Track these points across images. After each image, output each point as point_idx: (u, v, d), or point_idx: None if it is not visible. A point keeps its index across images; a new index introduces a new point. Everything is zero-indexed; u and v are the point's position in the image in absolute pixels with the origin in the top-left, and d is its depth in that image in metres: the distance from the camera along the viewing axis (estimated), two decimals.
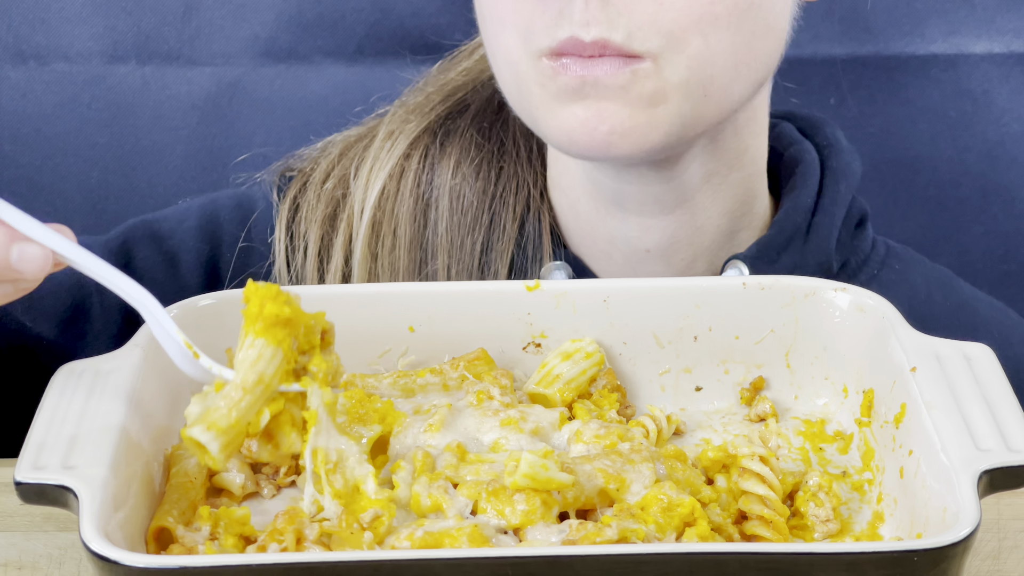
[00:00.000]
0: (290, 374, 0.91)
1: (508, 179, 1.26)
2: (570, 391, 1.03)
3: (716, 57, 1.09)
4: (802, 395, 1.06)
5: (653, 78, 1.08)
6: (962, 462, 0.87)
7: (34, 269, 0.89)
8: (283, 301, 0.90)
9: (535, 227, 1.24)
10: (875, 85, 1.58)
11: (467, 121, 1.28)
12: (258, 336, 0.90)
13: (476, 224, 1.24)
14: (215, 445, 0.88)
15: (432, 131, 1.27)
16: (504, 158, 1.26)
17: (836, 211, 1.24)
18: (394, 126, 1.28)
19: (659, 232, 1.20)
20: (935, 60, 1.56)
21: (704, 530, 0.89)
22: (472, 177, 1.25)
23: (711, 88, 1.10)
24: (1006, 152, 1.58)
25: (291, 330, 0.91)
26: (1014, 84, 1.56)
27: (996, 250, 1.61)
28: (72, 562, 0.94)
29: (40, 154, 1.57)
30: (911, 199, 1.60)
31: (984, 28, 1.55)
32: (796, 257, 1.21)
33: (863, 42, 1.56)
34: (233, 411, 0.89)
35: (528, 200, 1.25)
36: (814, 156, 1.26)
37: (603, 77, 1.07)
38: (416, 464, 0.92)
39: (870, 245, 1.28)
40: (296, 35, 1.56)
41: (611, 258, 1.23)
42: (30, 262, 0.89)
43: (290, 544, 0.85)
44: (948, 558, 0.82)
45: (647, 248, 1.21)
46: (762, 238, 1.21)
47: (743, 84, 1.13)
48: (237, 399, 0.89)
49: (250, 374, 0.90)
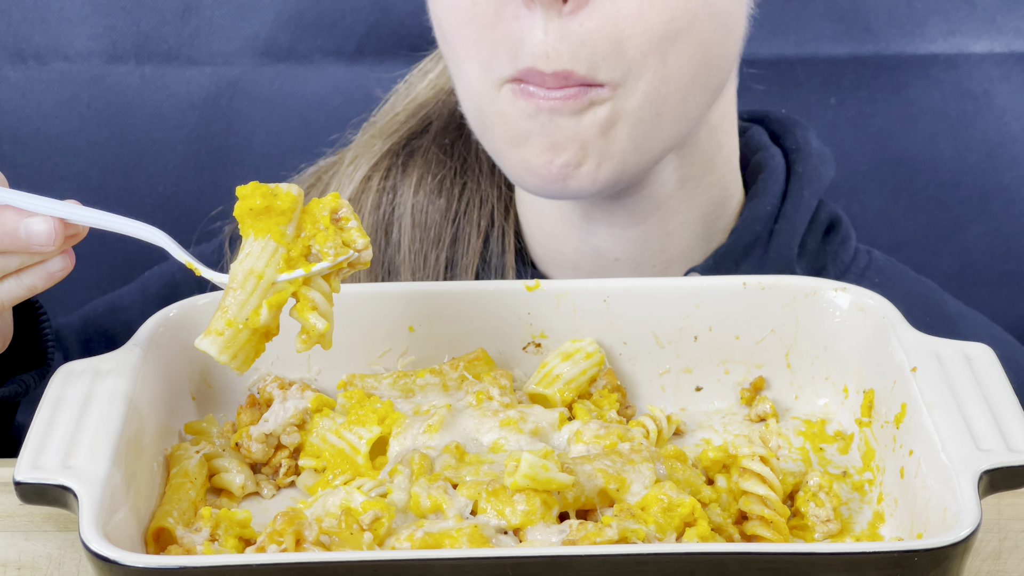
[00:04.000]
0: (298, 261, 0.92)
1: (471, 195, 1.26)
2: (570, 391, 1.03)
3: (672, 76, 1.09)
4: (802, 395, 1.05)
5: (607, 105, 1.08)
6: (963, 462, 0.87)
7: (44, 239, 0.95)
8: (260, 194, 0.92)
9: (499, 243, 1.25)
10: (875, 85, 1.58)
11: (429, 140, 1.28)
12: (246, 235, 0.92)
13: (439, 240, 1.25)
14: (214, 349, 0.91)
15: (394, 152, 1.28)
16: (467, 174, 1.27)
17: (798, 217, 1.23)
18: (359, 150, 1.29)
19: (628, 242, 1.20)
20: (935, 60, 1.56)
21: (704, 530, 0.89)
22: (435, 194, 1.26)
23: (665, 107, 1.10)
24: (1006, 152, 1.58)
25: (277, 219, 0.92)
26: (1014, 84, 1.56)
27: (996, 250, 1.61)
28: (72, 562, 0.94)
29: (40, 154, 1.57)
30: (911, 199, 1.60)
31: (984, 28, 1.55)
32: (756, 266, 1.20)
33: (863, 42, 1.56)
34: (228, 311, 0.91)
35: (492, 215, 1.26)
36: (779, 162, 1.26)
37: (559, 106, 1.07)
38: (413, 467, 0.92)
39: (851, 255, 1.27)
40: (296, 35, 1.55)
41: (579, 268, 1.23)
42: (38, 234, 0.95)
43: (289, 545, 0.85)
44: (949, 558, 0.82)
45: (616, 257, 1.21)
46: (719, 248, 1.21)
47: (700, 95, 1.12)
48: (229, 300, 0.91)
49: (239, 271, 0.91)
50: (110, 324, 1.31)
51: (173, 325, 1.01)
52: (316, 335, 0.93)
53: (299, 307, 0.93)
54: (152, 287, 1.32)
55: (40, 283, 0.98)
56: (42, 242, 0.95)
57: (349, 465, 0.97)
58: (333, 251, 0.93)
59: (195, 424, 1.01)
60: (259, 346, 0.93)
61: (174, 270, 1.34)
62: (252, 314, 0.92)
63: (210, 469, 0.98)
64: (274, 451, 1.00)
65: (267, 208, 0.92)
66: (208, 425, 1.01)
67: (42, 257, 0.97)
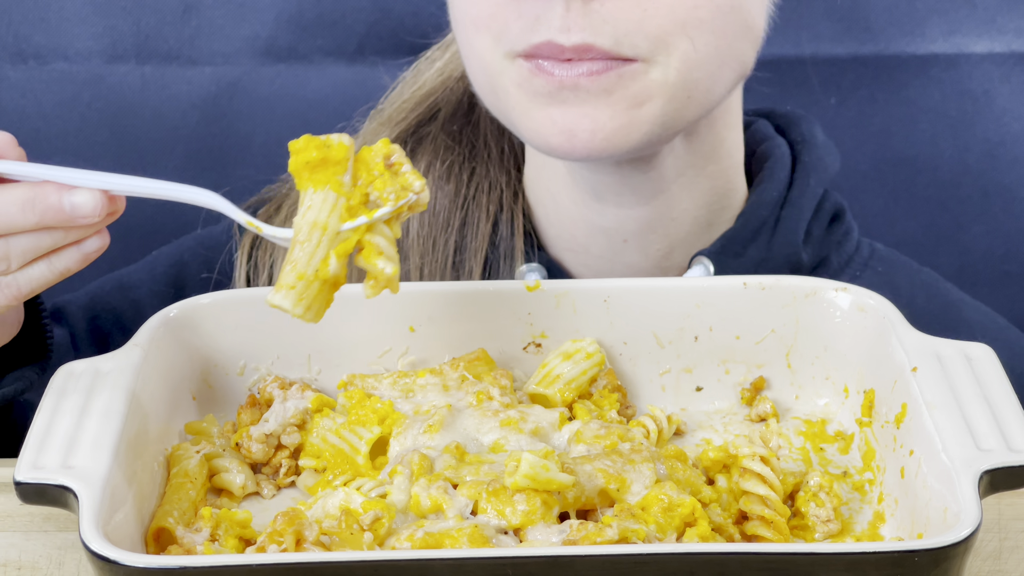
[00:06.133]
0: (358, 209, 0.93)
1: (480, 180, 1.26)
2: (570, 391, 1.03)
3: (702, 60, 1.09)
4: (803, 395, 1.05)
5: (640, 79, 1.07)
6: (963, 462, 0.87)
7: (89, 211, 0.94)
8: (314, 146, 0.92)
9: (508, 227, 1.25)
10: (875, 85, 1.58)
11: (438, 127, 1.28)
12: (304, 189, 0.92)
13: (448, 226, 1.25)
14: (288, 302, 0.91)
15: (402, 140, 1.28)
16: (475, 160, 1.26)
17: (804, 204, 1.24)
18: (367, 138, 1.29)
19: (635, 223, 1.21)
20: (935, 60, 1.56)
21: (705, 530, 0.89)
22: (443, 179, 1.26)
23: (695, 90, 1.10)
24: (1006, 152, 1.58)
25: (334, 169, 0.93)
26: (1014, 84, 1.56)
27: (996, 250, 1.61)
28: (72, 562, 0.94)
29: (40, 154, 1.56)
30: (911, 199, 1.60)
31: (984, 28, 1.55)
32: (763, 251, 1.21)
33: (863, 42, 1.56)
34: (297, 265, 0.91)
35: (501, 200, 1.25)
36: (785, 151, 1.27)
37: (583, 82, 1.06)
38: (413, 467, 0.92)
39: (854, 246, 1.28)
40: (296, 35, 1.56)
41: (589, 251, 1.23)
42: (83, 205, 0.94)
43: (290, 545, 0.85)
44: (949, 558, 0.82)
45: (624, 238, 1.21)
46: (727, 232, 1.21)
47: (724, 84, 1.13)
48: (297, 254, 0.92)
49: (302, 224, 0.92)
50: (117, 302, 1.30)
51: (174, 325, 1.01)
52: (384, 279, 0.93)
53: (365, 254, 0.93)
54: (160, 266, 1.32)
55: (74, 265, 0.96)
56: (86, 213, 0.94)
57: (349, 465, 0.97)
58: (393, 195, 0.93)
59: (195, 424, 1.01)
60: (329, 297, 0.93)
61: (183, 250, 1.33)
62: (321, 265, 0.92)
63: (210, 469, 0.98)
64: (274, 451, 1.00)
65: (323, 160, 0.92)
66: (208, 425, 1.01)
67: (82, 234, 0.95)
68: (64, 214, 0.93)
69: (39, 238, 0.94)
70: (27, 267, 0.96)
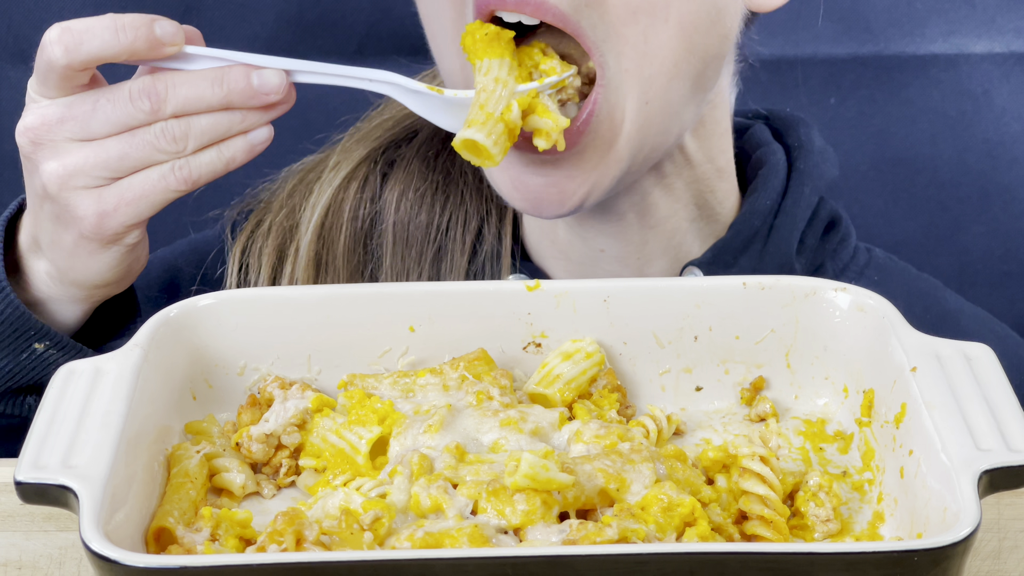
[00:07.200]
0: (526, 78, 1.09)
1: (455, 209, 1.26)
2: (570, 391, 1.03)
3: (654, 56, 1.08)
4: (802, 395, 1.06)
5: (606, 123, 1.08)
6: (962, 462, 0.87)
7: (274, 87, 1.03)
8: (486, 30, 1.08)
9: (493, 245, 1.25)
10: (875, 85, 1.58)
11: (413, 150, 1.28)
12: (482, 59, 1.07)
13: (421, 257, 1.26)
14: (480, 135, 1.04)
15: (372, 159, 1.28)
16: (450, 187, 1.27)
17: (798, 213, 1.23)
18: (342, 156, 1.29)
19: (610, 237, 1.20)
20: (935, 60, 1.56)
21: (704, 530, 0.89)
22: (415, 208, 1.26)
23: (650, 92, 1.09)
24: (1006, 152, 1.58)
25: (507, 45, 1.08)
26: (1014, 84, 1.56)
27: (996, 250, 1.61)
28: (72, 562, 0.94)
29: None
30: (911, 199, 1.60)
31: (984, 28, 1.56)
32: (755, 260, 1.20)
33: (863, 42, 1.57)
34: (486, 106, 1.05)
35: (480, 227, 1.26)
36: (780, 158, 1.26)
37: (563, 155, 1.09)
38: (413, 468, 0.92)
39: (850, 254, 1.27)
40: (296, 35, 1.56)
41: (569, 259, 1.23)
42: (269, 81, 1.03)
43: (290, 544, 0.85)
44: (948, 558, 0.82)
45: (601, 248, 1.21)
46: (717, 243, 1.21)
47: (683, 84, 1.11)
48: (483, 98, 1.06)
49: (487, 81, 1.07)
50: None
51: (174, 325, 1.01)
52: (557, 130, 1.07)
53: (539, 111, 1.07)
54: (154, 270, 1.32)
55: (240, 155, 1.03)
56: (271, 89, 1.02)
57: (349, 465, 0.97)
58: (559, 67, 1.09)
59: (196, 424, 1.01)
60: (507, 143, 1.06)
61: (176, 255, 1.34)
62: (505, 109, 1.06)
63: (211, 469, 0.98)
64: (274, 451, 1.00)
65: (497, 34, 1.07)
66: (209, 425, 1.01)
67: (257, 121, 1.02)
68: (251, 90, 1.01)
69: (218, 119, 1.01)
70: (200, 152, 1.00)
